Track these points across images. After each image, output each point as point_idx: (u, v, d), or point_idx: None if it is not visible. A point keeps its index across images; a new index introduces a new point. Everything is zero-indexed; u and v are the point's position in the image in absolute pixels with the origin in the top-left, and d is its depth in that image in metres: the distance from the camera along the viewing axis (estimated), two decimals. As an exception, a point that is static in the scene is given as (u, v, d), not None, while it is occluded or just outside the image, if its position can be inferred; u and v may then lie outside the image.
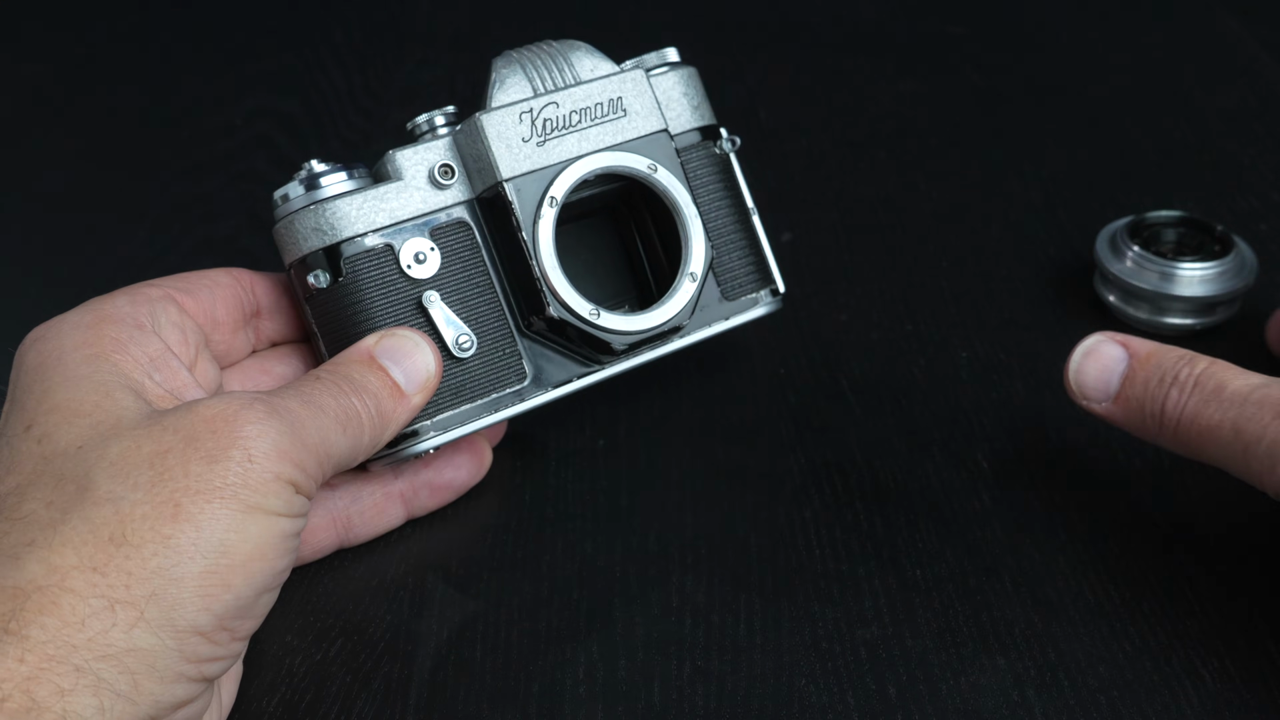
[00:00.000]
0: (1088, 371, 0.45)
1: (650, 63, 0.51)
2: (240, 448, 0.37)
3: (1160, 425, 0.43)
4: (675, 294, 0.48)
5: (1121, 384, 0.45)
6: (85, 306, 0.42)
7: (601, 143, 0.47)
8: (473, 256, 0.47)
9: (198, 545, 0.36)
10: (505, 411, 0.47)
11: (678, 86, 0.50)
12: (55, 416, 0.38)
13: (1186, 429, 0.43)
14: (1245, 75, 0.75)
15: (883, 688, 0.41)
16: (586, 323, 0.46)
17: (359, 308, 0.45)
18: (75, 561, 0.35)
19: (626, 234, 0.51)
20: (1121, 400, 0.45)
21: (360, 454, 0.42)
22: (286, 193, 0.46)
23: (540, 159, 0.46)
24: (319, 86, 0.83)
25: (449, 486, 0.49)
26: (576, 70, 0.48)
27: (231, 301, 0.46)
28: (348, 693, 0.42)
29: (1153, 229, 0.57)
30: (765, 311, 0.51)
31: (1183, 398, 0.43)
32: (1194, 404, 0.42)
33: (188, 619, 0.35)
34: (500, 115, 0.46)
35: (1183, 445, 0.43)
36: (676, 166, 0.48)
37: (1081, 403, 0.46)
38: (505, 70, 0.48)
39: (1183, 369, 0.43)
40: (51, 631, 0.34)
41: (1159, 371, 0.44)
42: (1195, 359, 0.43)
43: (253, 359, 0.48)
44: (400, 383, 0.44)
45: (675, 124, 0.50)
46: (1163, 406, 0.43)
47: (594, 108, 0.48)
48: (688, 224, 0.48)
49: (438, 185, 0.47)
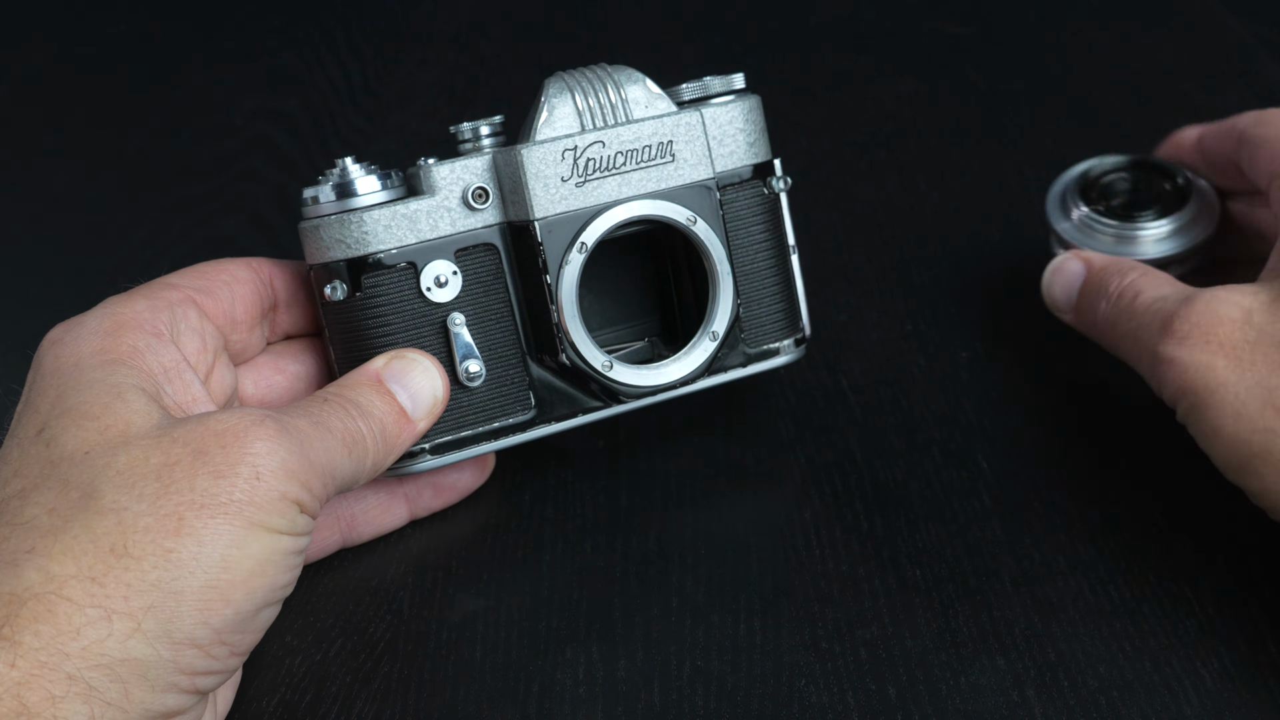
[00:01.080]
0: (1055, 285, 0.51)
1: (714, 88, 0.48)
2: (248, 464, 0.37)
3: (1097, 332, 0.48)
4: (693, 351, 0.47)
5: (1078, 295, 0.49)
6: (104, 311, 0.42)
7: (643, 188, 0.45)
8: (495, 281, 0.46)
9: (199, 560, 0.35)
10: (505, 440, 0.47)
11: (736, 121, 0.48)
12: (65, 420, 0.38)
13: (1107, 336, 0.48)
14: (1245, 75, 0.75)
15: (883, 688, 0.41)
16: (599, 374, 0.46)
17: (373, 324, 0.45)
18: (74, 570, 0.35)
19: (660, 260, 0.50)
20: (1075, 310, 0.50)
21: (363, 476, 0.42)
22: (317, 194, 0.45)
23: (577, 200, 0.45)
24: (319, 86, 0.83)
25: (453, 488, 0.49)
26: (630, 106, 0.46)
27: (251, 299, 0.46)
28: (348, 693, 0.42)
29: (1104, 184, 0.54)
30: (786, 362, 0.50)
31: (1107, 307, 0.47)
32: (1112, 313, 0.47)
33: (185, 632, 0.35)
34: (542, 151, 0.44)
35: (1110, 347, 0.48)
36: (717, 219, 0.46)
37: (1056, 314, 0.51)
38: (556, 99, 0.45)
39: (1113, 279, 0.47)
40: (45, 639, 0.34)
41: (1099, 283, 0.48)
42: (1127, 270, 0.47)
43: (267, 356, 0.48)
44: (407, 408, 0.43)
45: (727, 161, 0.48)
46: (1094, 316, 0.48)
47: (641, 150, 0.45)
48: (719, 282, 0.46)
49: (470, 208, 0.46)
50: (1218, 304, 0.43)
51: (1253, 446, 0.41)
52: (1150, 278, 0.47)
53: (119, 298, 0.43)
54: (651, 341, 0.50)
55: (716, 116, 0.48)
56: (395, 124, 0.78)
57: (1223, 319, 0.43)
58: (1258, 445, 0.40)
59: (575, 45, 0.85)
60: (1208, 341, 0.42)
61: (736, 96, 0.48)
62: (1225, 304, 0.43)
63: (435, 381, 0.44)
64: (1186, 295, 0.44)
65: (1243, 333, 0.42)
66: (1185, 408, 0.43)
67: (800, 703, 0.40)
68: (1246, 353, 0.42)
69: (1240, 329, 0.42)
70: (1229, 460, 0.42)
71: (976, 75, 0.78)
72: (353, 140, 0.77)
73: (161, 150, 0.78)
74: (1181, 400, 0.43)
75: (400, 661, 0.43)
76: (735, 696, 0.41)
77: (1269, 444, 0.40)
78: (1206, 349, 0.42)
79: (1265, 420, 0.40)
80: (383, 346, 0.45)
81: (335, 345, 0.46)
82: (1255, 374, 0.41)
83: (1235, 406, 0.41)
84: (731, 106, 0.48)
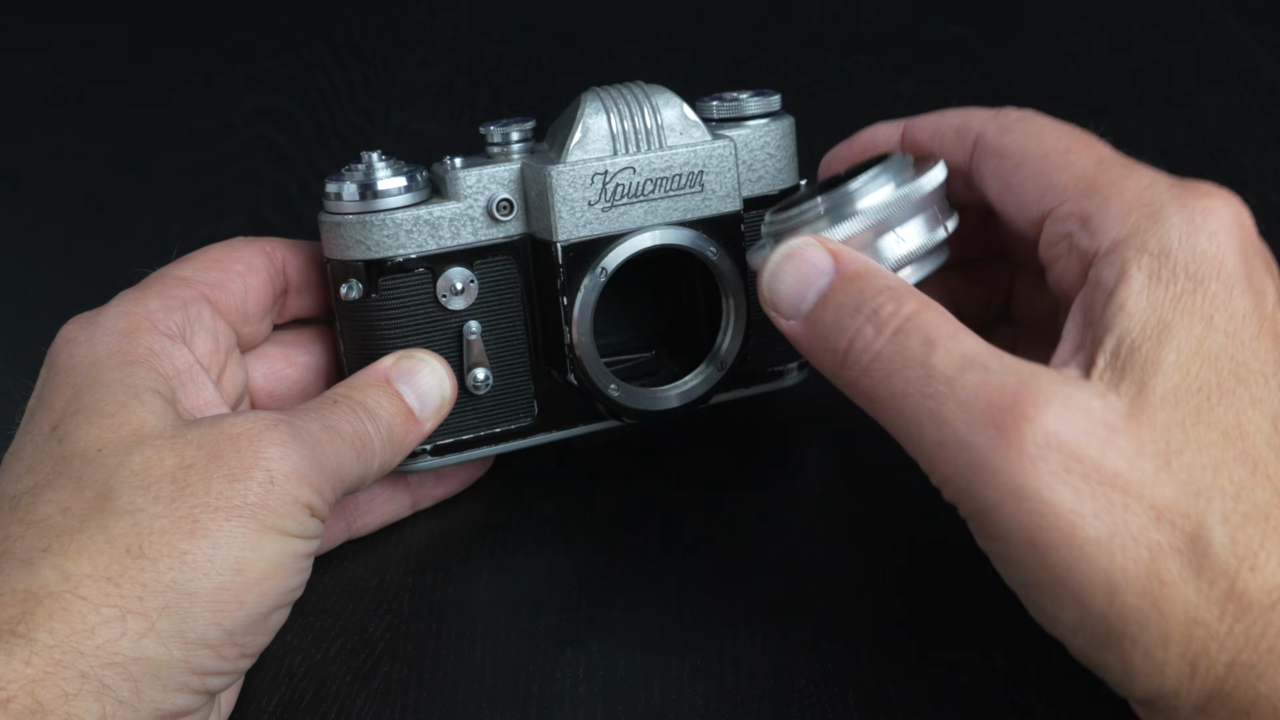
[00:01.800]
0: (783, 279, 0.37)
1: (749, 109, 0.47)
2: (262, 469, 0.37)
3: (842, 365, 0.35)
4: (698, 379, 0.47)
5: (816, 302, 0.36)
6: (119, 310, 0.42)
7: (669, 217, 0.45)
8: (510, 291, 0.46)
9: (213, 562, 0.36)
10: (505, 445, 0.47)
11: (768, 147, 0.47)
12: (79, 417, 0.38)
13: (873, 384, 0.34)
14: (1245, 75, 0.75)
15: (883, 688, 0.41)
16: (605, 396, 0.46)
17: (386, 327, 0.45)
18: (90, 570, 0.35)
19: (676, 274, 0.49)
20: (810, 322, 0.36)
21: (370, 478, 0.42)
22: (340, 190, 0.45)
23: (601, 225, 0.44)
24: (319, 86, 0.83)
25: (455, 477, 0.50)
26: (664, 133, 0.45)
27: (264, 289, 0.46)
28: (348, 693, 0.42)
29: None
30: (789, 384, 0.50)
31: (877, 341, 0.34)
32: (889, 355, 0.34)
33: (198, 633, 0.35)
34: (573, 174, 0.44)
35: (863, 398, 0.35)
36: (738, 250, 0.46)
37: (770, 315, 0.37)
38: (591, 119, 0.44)
39: (886, 304, 0.34)
40: (60, 637, 0.34)
41: (858, 298, 0.35)
42: (905, 296, 0.35)
43: (277, 347, 0.48)
44: (414, 408, 0.43)
45: (754, 187, 0.47)
46: (850, 343, 0.35)
47: (671, 179, 0.44)
48: (732, 313, 0.46)
49: (493, 219, 0.45)
50: (1072, 412, 0.31)
51: (1126, 625, 0.31)
52: (942, 320, 0.34)
53: (132, 294, 0.43)
54: (657, 354, 0.50)
55: (749, 142, 0.47)
56: (395, 124, 0.78)
57: (1084, 435, 0.31)
58: (1133, 624, 0.31)
59: (575, 45, 0.85)
60: (1069, 471, 0.31)
61: (770, 120, 0.47)
62: (1080, 412, 0.31)
63: (443, 382, 0.45)
64: (1017, 375, 0.32)
65: (1111, 463, 0.31)
66: (1025, 557, 0.32)
67: (800, 703, 0.40)
68: (1118, 496, 0.31)
69: (1107, 457, 0.31)
70: (1090, 635, 0.32)
71: (976, 75, 0.78)
72: (353, 140, 0.77)
73: (162, 150, 0.78)
74: (1023, 547, 0.32)
75: (400, 661, 0.43)
76: (735, 696, 0.41)
77: (1145, 623, 0.31)
78: (1070, 482, 0.31)
79: (1144, 593, 0.31)
80: (394, 349, 0.45)
81: (346, 342, 0.46)
82: (1132, 529, 0.31)
83: (1110, 573, 0.31)
84: (765, 132, 0.47)
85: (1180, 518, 0.31)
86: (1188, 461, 0.31)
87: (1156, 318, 0.33)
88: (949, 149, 0.39)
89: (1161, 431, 0.31)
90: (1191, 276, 0.33)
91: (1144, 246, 0.34)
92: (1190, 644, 0.31)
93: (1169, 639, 0.31)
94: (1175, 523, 0.31)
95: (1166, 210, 0.34)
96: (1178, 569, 0.31)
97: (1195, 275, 0.33)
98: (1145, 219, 0.34)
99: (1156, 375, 0.32)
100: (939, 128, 0.40)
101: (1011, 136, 0.38)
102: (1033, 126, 0.38)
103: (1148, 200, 0.34)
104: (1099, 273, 0.34)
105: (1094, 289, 0.34)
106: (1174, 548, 0.31)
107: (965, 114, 0.39)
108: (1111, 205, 0.35)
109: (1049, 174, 0.36)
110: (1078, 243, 0.35)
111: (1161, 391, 0.32)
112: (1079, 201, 0.35)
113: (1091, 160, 0.36)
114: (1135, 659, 0.31)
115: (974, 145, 0.39)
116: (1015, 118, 0.38)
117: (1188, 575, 0.31)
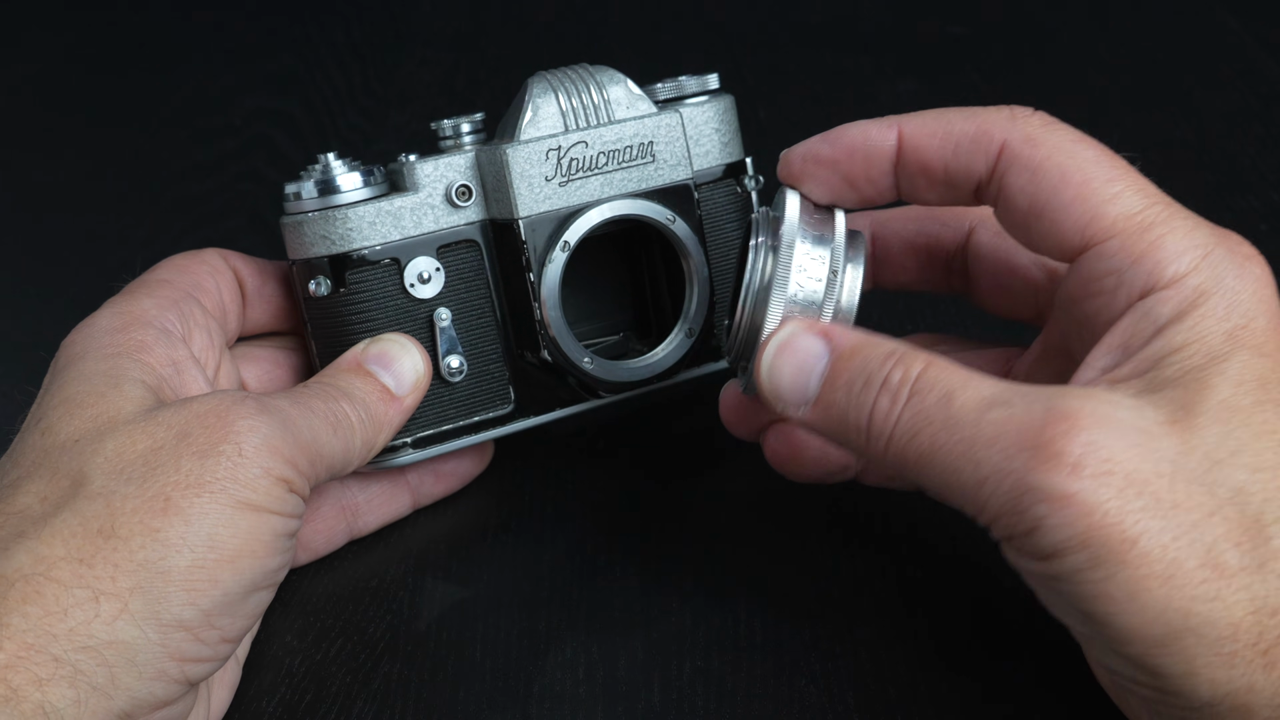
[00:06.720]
0: (782, 370, 0.37)
1: (688, 88, 0.49)
2: (231, 442, 0.37)
3: (868, 441, 0.35)
4: (670, 346, 0.47)
5: (822, 386, 0.36)
6: (114, 310, 0.43)
7: (625, 188, 0.46)
8: (476, 278, 0.47)
9: (186, 539, 0.36)
10: (486, 434, 0.48)
11: (711, 121, 0.49)
12: (61, 410, 0.39)
13: (901, 449, 0.34)
14: (1245, 75, 0.75)
15: (883, 688, 0.41)
16: (579, 370, 0.46)
17: (356, 319, 0.46)
18: (63, 553, 0.35)
19: (635, 257, 0.50)
20: (821, 405, 0.36)
21: (354, 457, 0.42)
22: (299, 190, 0.46)
23: (560, 200, 0.45)
24: (319, 86, 0.83)
25: (454, 474, 0.50)
26: (612, 107, 0.46)
27: (233, 291, 0.47)
28: (348, 693, 0.42)
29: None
30: None
31: (895, 409, 0.34)
32: (910, 418, 0.34)
33: (173, 613, 0.35)
34: (527, 151, 0.45)
35: (894, 466, 0.35)
36: (694, 218, 0.47)
37: (779, 409, 0.37)
38: (540, 99, 0.46)
39: (894, 371, 0.35)
40: (33, 620, 0.34)
41: (864, 372, 0.35)
42: (908, 356, 0.35)
43: (266, 350, 0.48)
44: (390, 386, 0.44)
45: (702, 160, 0.48)
46: (870, 417, 0.35)
47: (623, 151, 0.46)
48: (694, 279, 0.47)
49: (453, 205, 0.46)
50: (1109, 421, 0.32)
51: (1188, 617, 0.31)
52: (952, 370, 0.34)
53: (121, 298, 0.43)
54: (626, 336, 0.50)
55: (693, 117, 0.48)
56: (395, 124, 0.78)
57: (1122, 441, 0.31)
58: (1195, 616, 0.31)
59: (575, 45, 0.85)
60: (1111, 473, 0.31)
61: (711, 97, 0.49)
62: (1116, 421, 0.32)
63: (415, 358, 0.45)
64: (1041, 401, 0.32)
65: (1153, 464, 0.31)
66: (1081, 563, 0.31)
67: (800, 702, 0.40)
68: (1165, 491, 0.31)
69: (1148, 458, 0.31)
70: (1149, 634, 0.31)
71: (976, 75, 0.78)
72: (353, 140, 0.77)
73: (161, 150, 0.78)
74: (1077, 552, 0.31)
75: (400, 661, 0.43)
76: (735, 696, 0.41)
77: (1210, 614, 0.31)
78: (1112, 483, 0.31)
79: (1204, 583, 0.31)
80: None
81: (318, 341, 0.47)
82: (1183, 521, 0.31)
83: (1164, 564, 0.31)
84: (707, 107, 0.49)
85: (1235, 512, 0.31)
86: (1238, 463, 0.32)
87: (1208, 348, 0.34)
88: (964, 158, 0.38)
89: (1208, 436, 0.32)
90: (1243, 315, 0.34)
91: (1201, 287, 0.34)
92: (1262, 634, 0.31)
93: (1238, 629, 0.31)
94: (1230, 517, 0.31)
95: (1216, 254, 0.35)
96: (1238, 560, 0.31)
97: (1247, 314, 0.34)
98: (1201, 260, 0.35)
99: (1204, 390, 0.33)
100: (948, 134, 0.38)
101: (1044, 151, 0.36)
102: (1063, 141, 0.37)
103: (1199, 242, 0.35)
104: (1150, 307, 0.35)
105: (1141, 319, 0.35)
106: (1231, 540, 0.31)
107: (976, 117, 0.38)
108: (1166, 245, 0.35)
109: (1095, 205, 0.36)
110: (1127, 279, 0.35)
111: (1210, 404, 0.33)
112: (1132, 240, 0.35)
113: (1136, 193, 0.36)
114: (1199, 655, 0.31)
115: (998, 155, 0.37)
116: (1039, 126, 0.37)
117: (1249, 564, 0.31)
